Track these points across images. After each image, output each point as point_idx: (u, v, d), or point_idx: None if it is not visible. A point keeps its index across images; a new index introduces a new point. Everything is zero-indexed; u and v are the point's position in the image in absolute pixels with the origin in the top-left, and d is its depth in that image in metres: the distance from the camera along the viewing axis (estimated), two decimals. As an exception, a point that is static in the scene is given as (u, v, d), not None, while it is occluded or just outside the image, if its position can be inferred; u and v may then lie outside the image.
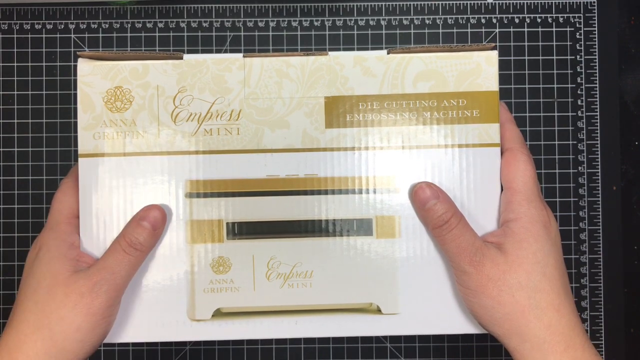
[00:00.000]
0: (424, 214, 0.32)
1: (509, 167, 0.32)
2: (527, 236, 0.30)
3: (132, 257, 0.31)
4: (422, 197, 0.32)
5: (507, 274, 0.30)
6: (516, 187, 0.31)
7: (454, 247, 0.30)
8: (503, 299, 0.30)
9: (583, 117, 0.46)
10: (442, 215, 0.31)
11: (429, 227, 0.32)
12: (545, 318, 0.29)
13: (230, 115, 0.33)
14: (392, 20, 0.46)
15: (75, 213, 0.33)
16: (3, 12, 0.46)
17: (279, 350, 0.45)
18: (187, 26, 0.46)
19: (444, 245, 0.31)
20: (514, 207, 0.31)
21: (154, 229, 0.31)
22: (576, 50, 0.46)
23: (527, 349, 0.29)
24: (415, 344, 0.45)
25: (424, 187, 0.32)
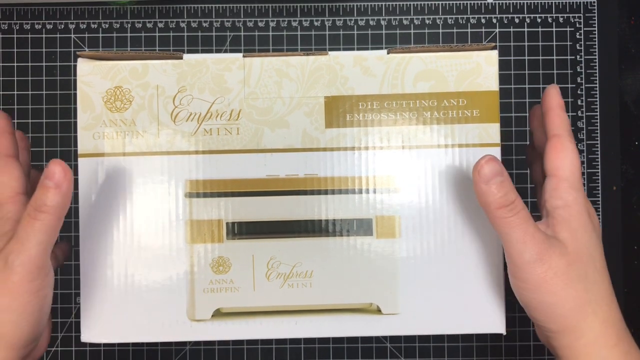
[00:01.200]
0: (486, 189, 0.28)
1: (557, 154, 0.30)
2: (579, 225, 0.29)
3: (40, 222, 0.28)
4: (487, 171, 0.28)
5: (570, 266, 0.28)
6: (563, 175, 0.30)
7: (520, 232, 0.28)
8: (567, 295, 0.28)
9: (583, 117, 0.46)
10: (508, 194, 0.28)
11: (491, 206, 0.28)
12: (600, 312, 0.28)
13: (230, 115, 0.33)
14: (392, 20, 0.46)
15: (18, 189, 0.31)
16: (3, 12, 0.46)
17: (279, 350, 0.45)
18: (187, 26, 0.46)
19: (506, 229, 0.28)
20: (562, 194, 0.29)
21: (57, 186, 0.28)
22: (576, 50, 0.46)
23: (582, 344, 0.28)
24: (415, 344, 0.45)
25: (490, 160, 0.28)
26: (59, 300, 0.45)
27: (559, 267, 0.28)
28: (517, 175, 0.46)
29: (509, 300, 0.33)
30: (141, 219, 0.33)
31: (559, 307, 0.28)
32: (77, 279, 0.39)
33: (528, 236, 0.28)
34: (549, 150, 0.30)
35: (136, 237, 0.33)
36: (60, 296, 0.45)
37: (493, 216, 0.29)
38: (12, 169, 0.31)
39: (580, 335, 0.28)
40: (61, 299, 0.45)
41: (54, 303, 0.44)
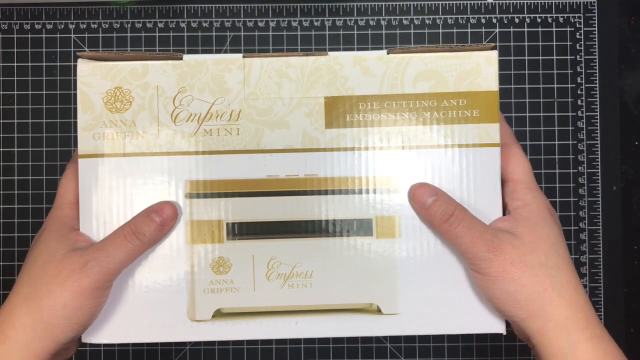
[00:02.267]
0: (425, 213, 0.32)
1: (509, 160, 0.33)
2: (539, 220, 0.31)
3: (131, 245, 0.30)
4: (419, 196, 0.32)
5: (527, 255, 0.30)
6: (519, 178, 0.32)
7: (468, 238, 0.30)
8: (526, 280, 0.30)
9: (583, 117, 0.46)
10: (446, 209, 0.31)
11: (435, 225, 0.31)
12: (566, 295, 0.30)
13: (230, 116, 0.33)
14: (392, 20, 0.46)
15: (76, 198, 0.33)
16: (3, 12, 0.46)
17: (279, 350, 0.45)
18: (187, 26, 0.46)
19: (455, 240, 0.31)
20: (520, 195, 0.32)
21: (162, 225, 0.31)
22: (576, 50, 0.46)
23: (550, 328, 0.29)
24: (415, 344, 0.45)
25: (420, 187, 0.32)
26: (59, 300, 0.44)
27: (514, 256, 0.30)
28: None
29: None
30: (141, 219, 0.33)
31: (521, 292, 0.30)
32: (77, 279, 0.39)
33: (476, 238, 0.30)
34: (502, 160, 0.33)
35: (136, 237, 0.33)
36: (61, 296, 0.44)
37: (441, 232, 0.31)
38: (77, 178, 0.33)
39: (548, 319, 0.29)
40: (61, 299, 0.44)
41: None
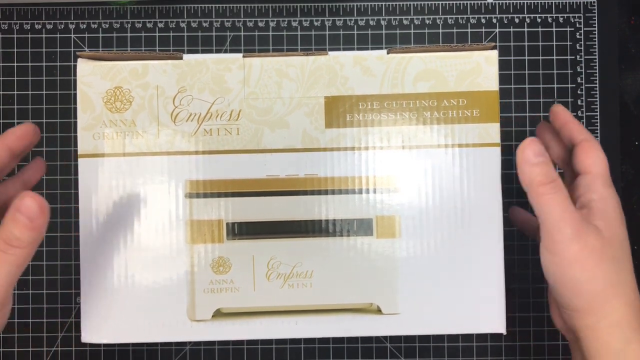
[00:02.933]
0: (529, 169, 0.30)
1: (588, 153, 0.32)
2: (615, 216, 0.31)
3: (11, 257, 0.27)
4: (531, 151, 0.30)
5: (605, 247, 0.29)
6: (597, 171, 0.32)
7: (559, 210, 0.29)
8: (599, 272, 0.29)
9: (583, 117, 0.46)
10: (550, 173, 0.30)
11: (534, 184, 0.30)
12: (625, 296, 0.29)
13: (230, 115, 0.33)
14: (392, 20, 0.46)
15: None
16: (3, 12, 0.46)
17: (279, 350, 0.45)
18: (187, 26, 0.46)
19: (546, 207, 0.29)
20: (599, 189, 0.31)
21: (30, 221, 0.27)
22: (576, 50, 0.46)
23: (604, 325, 0.29)
24: (415, 344, 0.45)
25: (534, 142, 0.30)
26: (59, 300, 0.45)
27: (595, 246, 0.29)
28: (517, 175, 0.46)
29: (509, 300, 0.33)
30: (141, 219, 0.33)
31: (590, 284, 0.29)
32: (77, 279, 0.39)
33: (567, 214, 0.29)
34: (580, 152, 0.32)
35: (136, 237, 0.33)
36: (60, 296, 0.45)
37: (536, 193, 0.30)
38: None
39: (604, 316, 0.29)
40: (61, 299, 0.45)
41: (54, 303, 0.44)
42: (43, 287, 0.44)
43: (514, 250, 0.45)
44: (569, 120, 0.34)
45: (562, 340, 0.45)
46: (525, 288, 0.45)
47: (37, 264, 0.44)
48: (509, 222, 0.45)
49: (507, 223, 0.44)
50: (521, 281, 0.45)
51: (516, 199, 0.45)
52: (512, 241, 0.45)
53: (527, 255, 0.45)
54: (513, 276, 0.45)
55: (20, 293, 0.44)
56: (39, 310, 0.44)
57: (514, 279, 0.45)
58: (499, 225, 0.33)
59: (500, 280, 0.33)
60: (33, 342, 0.44)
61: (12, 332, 0.44)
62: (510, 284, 0.45)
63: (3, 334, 0.44)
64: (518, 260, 0.45)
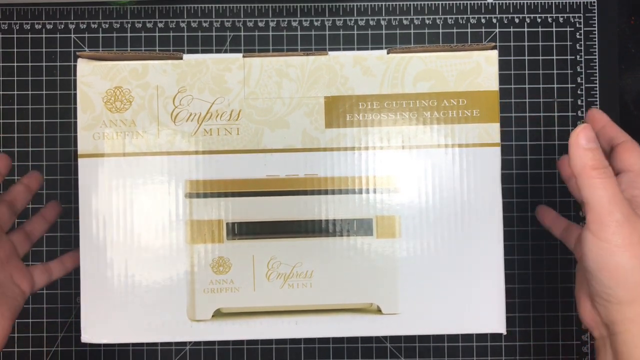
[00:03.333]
0: (582, 153, 0.30)
1: (632, 153, 0.32)
2: None
3: None
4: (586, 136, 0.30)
5: None
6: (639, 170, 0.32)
7: (611, 193, 0.29)
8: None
9: (583, 117, 0.46)
10: (602, 159, 0.30)
11: (587, 167, 0.30)
12: None
13: (230, 115, 0.33)
14: (392, 20, 0.46)
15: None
16: (3, 12, 0.46)
17: (279, 350, 0.45)
18: (187, 26, 0.46)
19: (596, 190, 0.29)
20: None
21: None
22: (576, 50, 0.46)
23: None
24: (415, 344, 0.45)
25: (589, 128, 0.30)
26: (59, 300, 0.45)
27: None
28: (517, 175, 0.46)
29: (509, 300, 0.33)
30: (141, 219, 0.33)
31: (637, 273, 0.28)
32: (77, 279, 0.39)
33: (618, 199, 0.29)
34: (623, 152, 0.33)
35: (136, 237, 0.33)
36: (60, 296, 0.45)
37: (588, 176, 0.30)
38: None
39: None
40: (61, 299, 0.45)
41: (54, 303, 0.44)
42: (43, 287, 0.44)
43: (514, 250, 0.45)
44: (608, 123, 0.34)
45: (562, 340, 0.45)
46: (525, 288, 0.45)
47: (37, 264, 0.44)
48: (508, 222, 0.45)
49: (507, 223, 0.44)
50: (521, 281, 0.45)
51: (516, 199, 0.45)
52: (512, 241, 0.45)
53: (527, 255, 0.45)
54: (513, 276, 0.45)
55: (20, 293, 0.44)
56: (39, 310, 0.44)
57: (514, 279, 0.45)
58: (499, 225, 0.33)
59: (500, 280, 0.33)
60: (33, 342, 0.44)
61: (12, 332, 0.44)
62: (510, 284, 0.45)
63: (3, 334, 0.44)
64: (518, 260, 0.45)
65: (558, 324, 0.45)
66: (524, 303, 0.45)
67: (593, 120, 0.35)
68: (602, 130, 0.34)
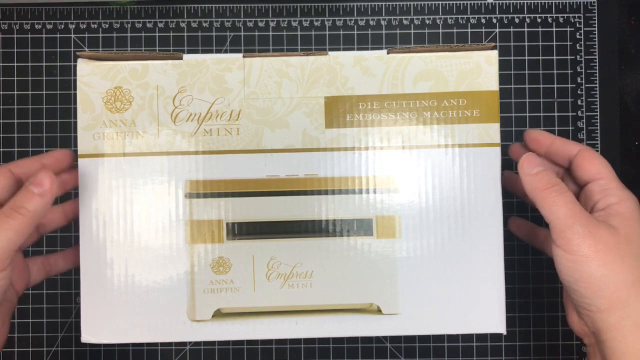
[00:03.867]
0: (530, 179, 0.31)
1: (592, 160, 0.32)
2: (633, 215, 0.30)
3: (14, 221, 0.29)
4: (529, 163, 0.31)
5: (621, 244, 0.29)
6: (607, 176, 0.32)
7: (566, 209, 0.29)
8: (617, 268, 0.29)
9: (583, 117, 0.46)
10: (551, 179, 0.30)
11: (538, 189, 0.30)
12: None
13: (230, 115, 0.33)
14: (392, 20, 0.46)
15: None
16: (3, 12, 0.46)
17: (279, 350, 0.45)
18: (187, 26, 0.46)
19: (553, 207, 0.30)
20: (614, 192, 0.31)
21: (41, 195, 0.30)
22: (576, 50, 0.46)
23: (629, 324, 0.29)
24: (415, 344, 0.45)
25: (531, 155, 0.31)
26: (59, 300, 0.45)
27: (610, 242, 0.29)
28: (517, 175, 0.46)
29: (509, 300, 0.33)
30: (141, 219, 0.33)
31: (610, 280, 0.29)
32: (77, 279, 0.39)
33: (576, 212, 0.29)
34: (583, 161, 0.32)
35: (136, 237, 0.33)
36: (60, 296, 0.45)
37: (541, 197, 0.30)
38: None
39: (628, 314, 0.29)
40: (61, 299, 0.45)
41: (54, 303, 0.44)
42: (43, 287, 0.44)
43: (514, 250, 0.45)
44: (554, 139, 0.34)
45: (562, 340, 0.45)
46: (525, 288, 0.45)
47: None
48: (509, 222, 0.45)
49: (507, 223, 0.44)
50: (521, 281, 0.45)
51: (516, 199, 0.45)
52: (512, 241, 0.45)
53: (527, 255, 0.45)
54: (513, 276, 0.45)
55: (20, 293, 0.44)
56: (39, 310, 0.44)
57: (514, 279, 0.45)
58: (499, 225, 0.33)
59: (500, 280, 0.33)
60: (33, 342, 0.44)
61: (12, 332, 0.44)
62: (510, 284, 0.45)
63: (3, 334, 0.44)
64: (518, 260, 0.45)
65: (558, 324, 0.45)
66: (524, 303, 0.45)
67: (535, 142, 0.35)
68: (551, 148, 0.34)
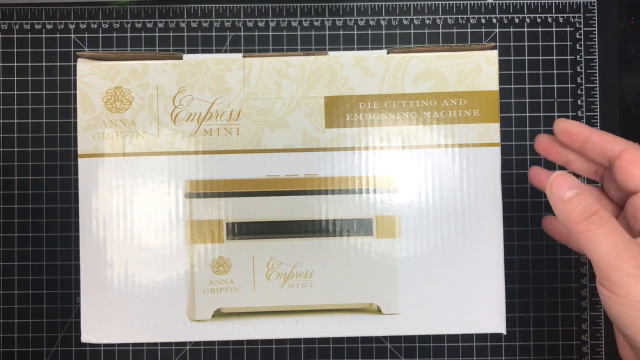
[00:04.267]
0: (562, 206, 0.26)
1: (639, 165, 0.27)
2: None
3: None
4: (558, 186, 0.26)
5: None
6: None
7: (609, 245, 0.24)
8: None
9: (583, 117, 0.46)
10: (588, 206, 0.25)
11: (572, 221, 0.25)
12: None
13: (230, 115, 0.33)
14: (392, 20, 0.46)
15: None
16: (3, 12, 0.46)
17: (279, 350, 0.45)
18: (187, 26, 0.46)
19: (593, 243, 0.25)
20: None
21: None
22: (576, 50, 0.46)
23: None
24: (415, 344, 0.45)
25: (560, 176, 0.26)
26: (59, 300, 0.45)
27: None
28: (517, 175, 0.46)
29: (509, 300, 0.33)
30: (141, 219, 0.33)
31: None
32: (77, 279, 0.39)
33: (621, 249, 0.24)
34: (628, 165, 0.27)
35: (136, 237, 0.33)
36: (60, 296, 0.45)
37: (577, 231, 0.25)
38: None
39: None
40: (61, 299, 0.45)
41: (54, 303, 0.44)
42: (43, 287, 0.44)
43: (514, 250, 0.45)
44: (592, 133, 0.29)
45: (562, 340, 0.45)
46: (525, 288, 0.45)
47: (37, 264, 0.44)
48: (509, 222, 0.45)
49: (507, 223, 0.44)
50: (521, 281, 0.45)
51: (516, 199, 0.45)
52: (512, 241, 0.45)
53: (527, 255, 0.45)
54: (513, 276, 0.45)
55: (21, 293, 0.44)
56: (39, 310, 0.44)
57: (514, 279, 0.45)
58: (499, 225, 0.33)
59: (500, 280, 0.33)
60: (33, 342, 0.44)
61: (12, 332, 0.44)
62: (510, 284, 0.45)
63: (3, 334, 0.44)
64: (518, 260, 0.45)
65: (558, 324, 0.45)
66: (524, 303, 0.45)
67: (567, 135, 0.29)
68: (587, 144, 0.29)
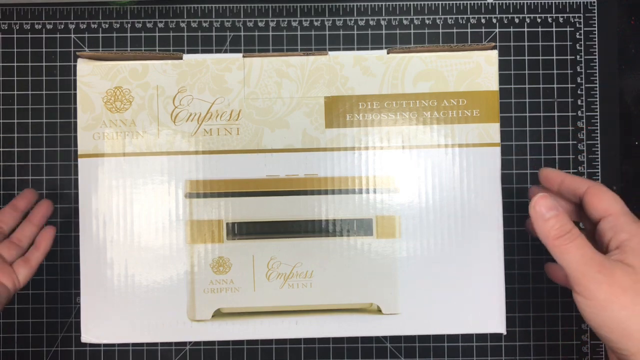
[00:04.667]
0: (543, 224, 0.30)
1: (601, 197, 0.32)
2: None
3: None
4: (541, 207, 0.31)
5: (638, 283, 0.28)
6: (617, 211, 0.31)
7: (579, 256, 0.29)
8: (638, 308, 0.28)
9: (583, 117, 0.46)
10: (565, 225, 0.30)
11: (550, 237, 0.30)
12: None
13: (230, 115, 0.33)
14: (392, 20, 0.46)
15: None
16: (3, 12, 0.46)
17: (279, 350, 0.45)
18: (187, 26, 0.46)
19: (565, 256, 0.30)
20: (625, 228, 0.31)
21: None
22: (576, 50, 0.46)
23: None
24: (415, 344, 0.45)
25: (542, 198, 0.31)
26: (59, 300, 0.45)
27: (625, 282, 0.28)
28: (517, 175, 0.46)
29: (509, 300, 0.33)
30: (141, 219, 0.33)
31: (633, 322, 0.28)
32: (77, 279, 0.39)
33: (588, 258, 0.29)
34: (591, 198, 0.32)
35: (136, 237, 0.33)
36: (60, 296, 0.45)
37: (552, 246, 0.30)
38: None
39: None
40: (61, 299, 0.45)
41: (54, 303, 0.44)
42: (43, 287, 0.44)
43: (514, 250, 0.45)
44: (565, 177, 0.34)
45: (562, 340, 0.45)
46: (525, 288, 0.45)
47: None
48: (509, 222, 0.45)
49: (507, 223, 0.44)
50: (521, 281, 0.45)
51: (516, 199, 0.45)
52: (512, 241, 0.45)
53: (527, 255, 0.45)
54: (513, 276, 0.45)
55: (20, 293, 0.44)
56: (39, 310, 0.44)
57: (514, 279, 0.45)
58: (499, 225, 0.33)
59: (500, 280, 0.33)
60: (33, 342, 0.44)
61: (12, 332, 0.44)
62: (510, 284, 0.45)
63: (3, 334, 0.44)
64: (518, 260, 0.45)
65: (558, 324, 0.45)
66: (524, 303, 0.45)
67: (548, 180, 0.35)
68: (562, 186, 0.34)
